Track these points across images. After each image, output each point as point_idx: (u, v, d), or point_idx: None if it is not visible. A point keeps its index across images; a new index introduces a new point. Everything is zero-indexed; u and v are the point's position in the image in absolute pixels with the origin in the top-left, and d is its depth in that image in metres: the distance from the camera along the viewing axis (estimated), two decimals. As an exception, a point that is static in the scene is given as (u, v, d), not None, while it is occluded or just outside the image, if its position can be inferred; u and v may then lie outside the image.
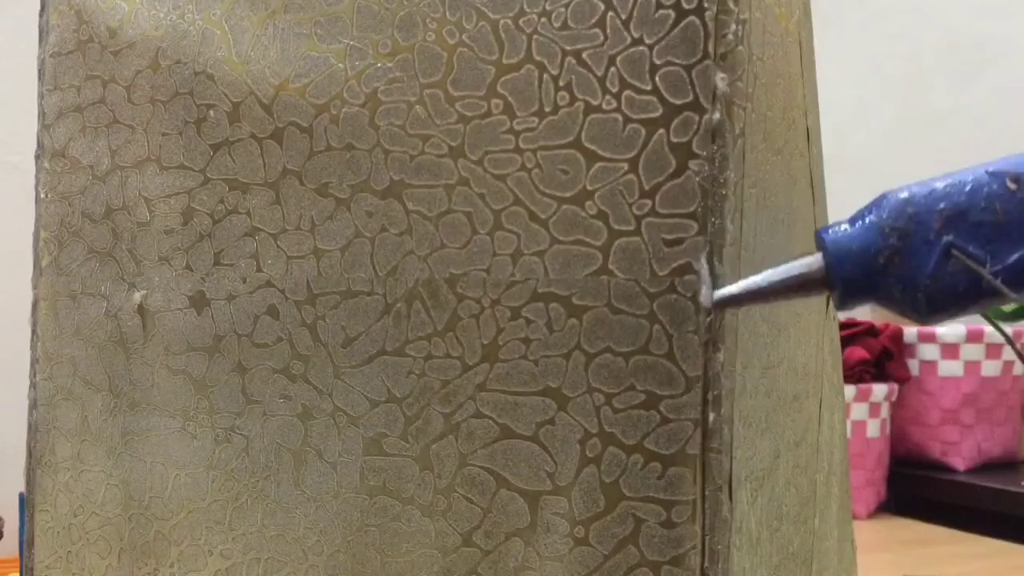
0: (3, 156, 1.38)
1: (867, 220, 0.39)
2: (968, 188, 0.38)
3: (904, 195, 0.39)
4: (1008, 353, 1.43)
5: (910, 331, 1.44)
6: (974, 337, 1.40)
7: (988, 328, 1.41)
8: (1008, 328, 1.43)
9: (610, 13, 0.44)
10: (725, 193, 0.43)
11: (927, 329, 1.42)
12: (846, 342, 1.41)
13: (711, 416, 0.43)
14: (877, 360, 1.42)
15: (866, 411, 1.36)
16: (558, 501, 0.45)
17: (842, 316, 1.51)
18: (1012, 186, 0.37)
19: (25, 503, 0.60)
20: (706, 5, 0.43)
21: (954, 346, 1.41)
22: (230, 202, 0.53)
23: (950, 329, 1.41)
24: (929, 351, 1.42)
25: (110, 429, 0.56)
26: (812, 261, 0.40)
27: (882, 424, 1.39)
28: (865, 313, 1.59)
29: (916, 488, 1.44)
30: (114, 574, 0.56)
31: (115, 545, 0.56)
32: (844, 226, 0.39)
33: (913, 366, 1.44)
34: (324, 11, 0.50)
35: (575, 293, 0.45)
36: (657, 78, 0.43)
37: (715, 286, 0.43)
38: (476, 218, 0.46)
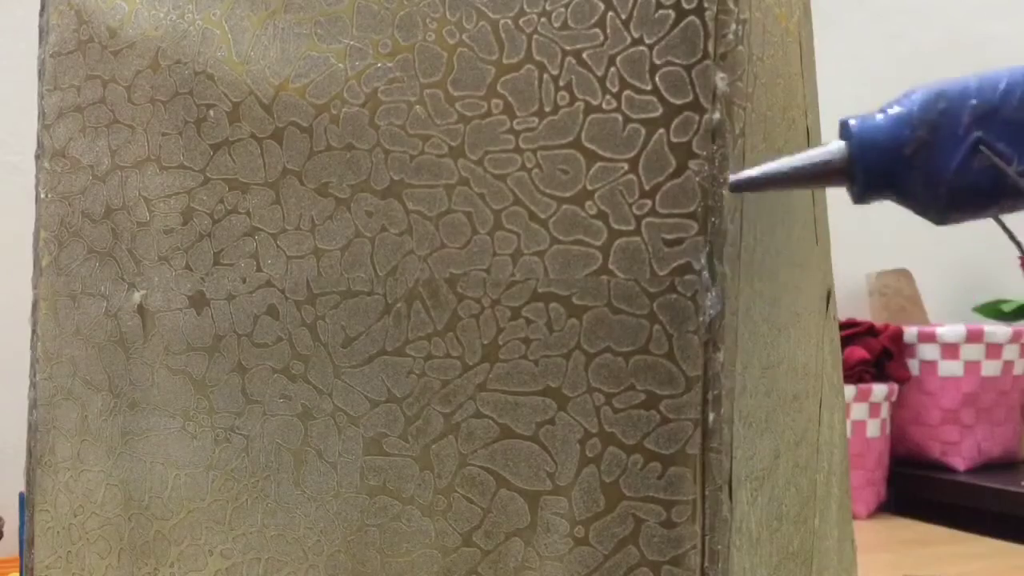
0: (3, 156, 1.38)
1: (896, 111, 0.38)
2: (1002, 87, 0.37)
3: (936, 89, 0.38)
4: (1008, 353, 1.43)
5: (910, 331, 1.44)
6: (974, 337, 1.40)
7: (988, 328, 1.41)
8: (1008, 328, 1.43)
9: (610, 13, 0.44)
10: (725, 193, 0.43)
11: (927, 329, 1.42)
12: (846, 342, 1.41)
13: (711, 416, 0.43)
14: (877, 360, 1.42)
15: (866, 411, 1.36)
16: (558, 501, 0.45)
17: (842, 316, 1.51)
18: None
19: (25, 503, 0.60)
20: (706, 5, 0.43)
21: (954, 346, 1.41)
22: (230, 202, 0.53)
23: (950, 329, 1.41)
24: (929, 351, 1.42)
25: (110, 429, 0.56)
26: (836, 149, 0.39)
27: (882, 424, 1.39)
28: (865, 313, 1.59)
29: (916, 488, 1.44)
30: (114, 574, 0.56)
31: (115, 545, 0.56)
32: (875, 116, 0.38)
33: (913, 366, 1.44)
34: (324, 11, 0.50)
35: (575, 293, 0.45)
36: (657, 78, 0.43)
37: (715, 286, 0.43)
38: (476, 218, 0.46)
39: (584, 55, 0.45)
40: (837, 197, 0.72)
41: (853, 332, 1.42)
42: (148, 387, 0.55)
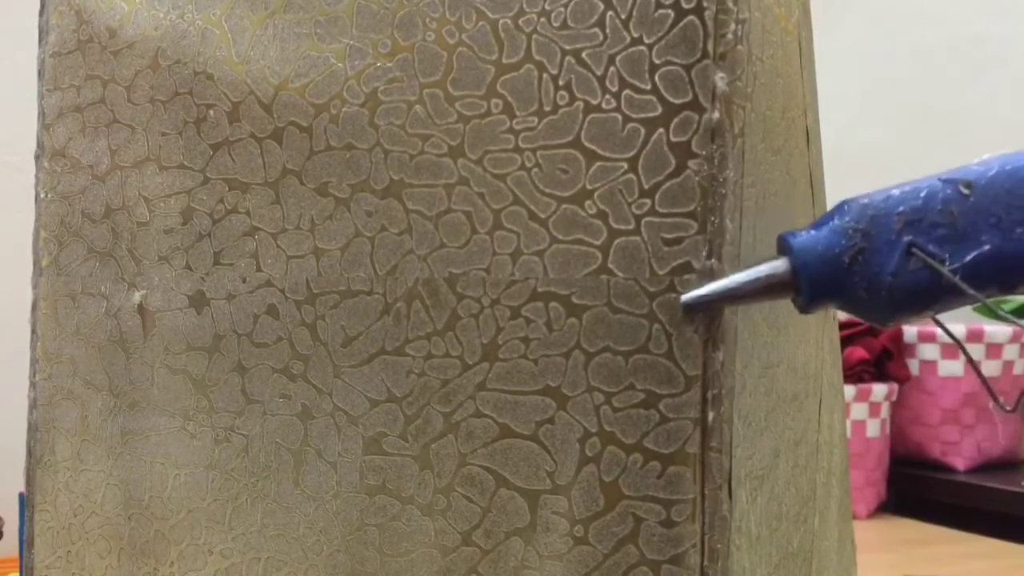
0: (3, 156, 1.38)
1: (830, 224, 0.40)
2: (923, 194, 0.39)
3: (864, 200, 0.40)
4: (1009, 353, 1.43)
5: (910, 331, 1.44)
6: (974, 337, 1.40)
7: (988, 328, 1.41)
8: (1008, 328, 1.43)
9: (610, 13, 0.44)
10: (724, 192, 0.43)
11: (927, 329, 1.42)
12: (846, 342, 1.41)
13: (710, 415, 0.43)
14: (877, 360, 1.42)
15: (866, 411, 1.37)
16: (558, 500, 0.45)
17: (842, 316, 1.51)
18: (965, 191, 0.39)
19: (25, 503, 0.60)
20: (705, 5, 0.43)
21: (954, 346, 1.41)
22: (230, 202, 0.53)
23: (950, 329, 1.40)
24: (929, 351, 1.42)
25: (110, 429, 0.56)
26: (778, 264, 0.41)
27: (882, 424, 1.39)
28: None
29: (916, 488, 1.44)
30: (114, 574, 0.56)
31: (115, 545, 0.56)
32: (808, 231, 0.41)
33: (913, 366, 1.44)
34: (324, 11, 0.50)
35: (575, 292, 0.45)
36: (657, 77, 0.43)
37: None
38: (476, 218, 0.47)
39: (584, 55, 0.45)
40: (837, 197, 0.72)
41: (853, 332, 1.42)
42: (148, 387, 0.55)
